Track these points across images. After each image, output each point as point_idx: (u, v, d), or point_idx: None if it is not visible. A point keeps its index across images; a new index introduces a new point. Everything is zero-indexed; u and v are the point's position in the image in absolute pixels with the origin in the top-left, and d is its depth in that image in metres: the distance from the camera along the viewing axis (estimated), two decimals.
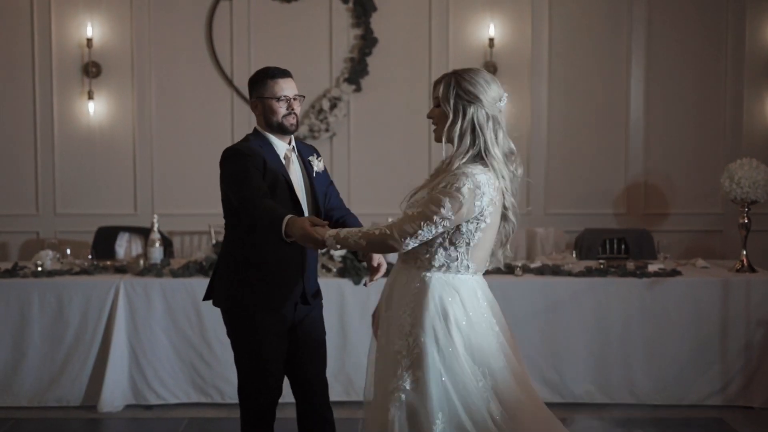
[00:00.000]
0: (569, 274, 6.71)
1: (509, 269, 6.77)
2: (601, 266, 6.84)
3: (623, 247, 7.53)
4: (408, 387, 3.71)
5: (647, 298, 6.57)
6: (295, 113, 4.42)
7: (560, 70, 9.05)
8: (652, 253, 7.79)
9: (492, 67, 8.88)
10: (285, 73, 4.46)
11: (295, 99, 4.42)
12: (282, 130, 4.42)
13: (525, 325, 6.51)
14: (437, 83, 3.85)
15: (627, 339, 6.57)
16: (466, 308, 3.80)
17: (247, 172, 4.22)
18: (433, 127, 3.89)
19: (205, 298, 4.59)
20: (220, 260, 4.52)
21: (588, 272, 6.71)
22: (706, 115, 9.06)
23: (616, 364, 6.57)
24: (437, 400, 3.67)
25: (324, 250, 6.31)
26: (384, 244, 3.79)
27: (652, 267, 6.77)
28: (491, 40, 8.90)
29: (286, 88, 4.42)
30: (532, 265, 6.89)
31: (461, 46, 9.00)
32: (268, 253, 4.34)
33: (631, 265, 6.87)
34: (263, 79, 4.43)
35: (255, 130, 4.50)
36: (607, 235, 7.84)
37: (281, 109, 4.39)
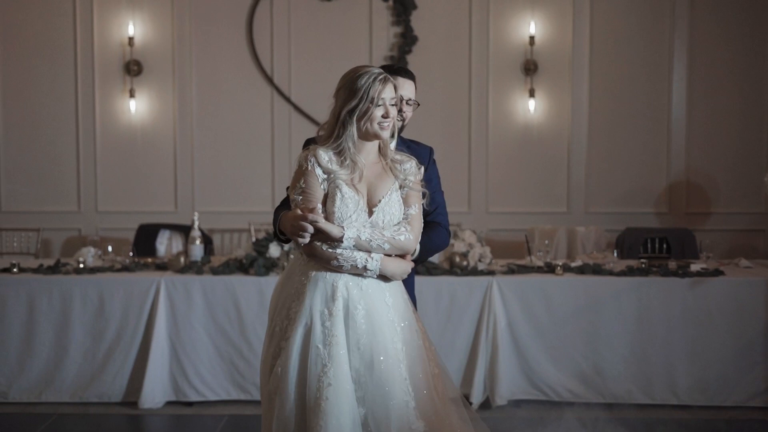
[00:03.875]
0: (610, 273, 6.66)
1: (550, 268, 6.73)
2: (643, 265, 6.78)
3: (665, 246, 7.46)
4: None
5: (689, 298, 6.50)
6: None
7: (601, 68, 8.99)
8: (694, 252, 7.73)
9: (532, 65, 8.86)
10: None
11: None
12: None
13: (565, 324, 6.48)
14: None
15: (669, 339, 6.50)
16: None
17: None
18: (398, 122, 3.87)
19: None
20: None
21: (629, 271, 6.65)
22: (749, 114, 8.97)
23: (658, 364, 6.50)
24: None
25: None
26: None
27: (695, 266, 6.70)
28: (532, 38, 8.86)
29: None
30: (573, 264, 6.85)
31: (501, 44, 8.96)
32: None
33: (673, 264, 6.81)
34: None
35: None
36: (649, 234, 7.77)
37: None
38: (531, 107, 8.94)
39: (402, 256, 3.84)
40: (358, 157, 3.78)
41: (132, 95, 8.99)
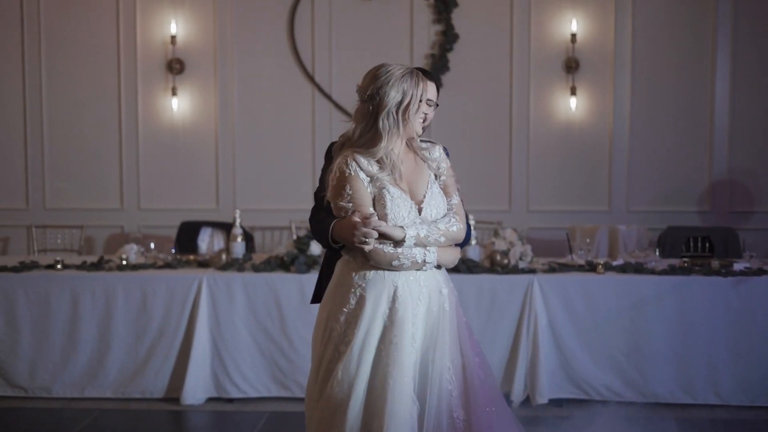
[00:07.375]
0: (652, 272, 6.62)
1: (591, 266, 6.70)
2: (685, 265, 6.74)
3: (708, 245, 7.39)
4: None
5: (732, 298, 6.44)
6: None
7: (643, 65, 8.93)
8: (737, 251, 7.65)
9: (574, 63, 8.82)
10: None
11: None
12: None
13: (607, 323, 6.44)
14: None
15: (711, 339, 6.44)
16: None
17: None
18: (425, 121, 3.89)
19: (314, 301, 4.24)
20: (325, 261, 4.21)
21: (671, 270, 6.61)
22: None
23: (700, 364, 6.45)
24: None
25: None
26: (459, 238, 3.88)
27: (738, 266, 6.64)
28: (573, 35, 8.82)
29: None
30: (614, 263, 6.81)
31: (543, 41, 8.93)
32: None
33: (715, 263, 6.74)
34: None
35: None
36: (692, 233, 7.70)
37: None
38: (572, 105, 8.90)
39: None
40: (393, 154, 3.77)
41: (174, 93, 9.05)
